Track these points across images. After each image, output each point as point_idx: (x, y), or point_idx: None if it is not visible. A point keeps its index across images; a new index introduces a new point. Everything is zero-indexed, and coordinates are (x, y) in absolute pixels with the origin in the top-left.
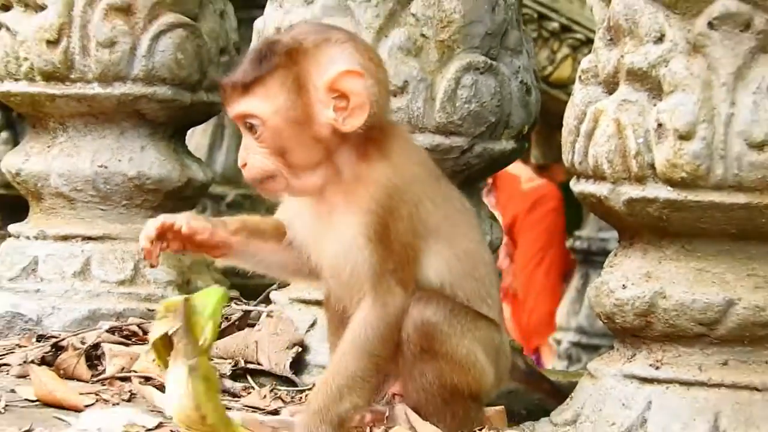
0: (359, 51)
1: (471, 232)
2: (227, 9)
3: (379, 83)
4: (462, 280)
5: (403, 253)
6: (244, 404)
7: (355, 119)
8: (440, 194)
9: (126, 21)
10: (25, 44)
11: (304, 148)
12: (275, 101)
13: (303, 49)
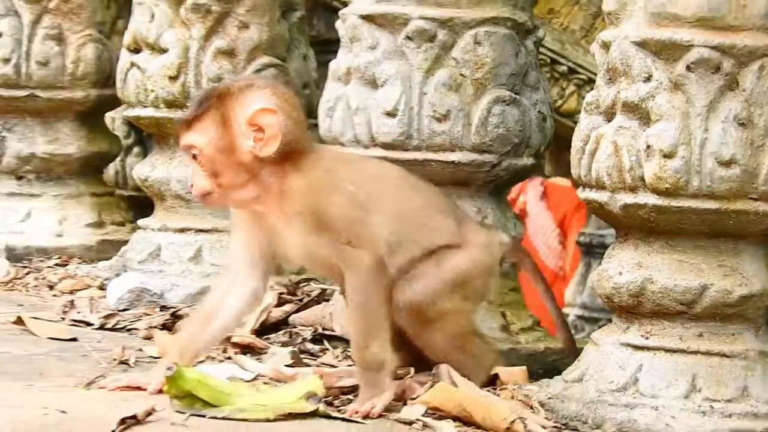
0: (276, 94)
1: (394, 197)
2: (309, 53)
3: (291, 118)
4: (407, 233)
5: (346, 226)
6: (321, 362)
7: (270, 147)
8: (359, 178)
9: (230, 62)
10: (151, 79)
11: (232, 170)
12: (208, 135)
13: (230, 92)
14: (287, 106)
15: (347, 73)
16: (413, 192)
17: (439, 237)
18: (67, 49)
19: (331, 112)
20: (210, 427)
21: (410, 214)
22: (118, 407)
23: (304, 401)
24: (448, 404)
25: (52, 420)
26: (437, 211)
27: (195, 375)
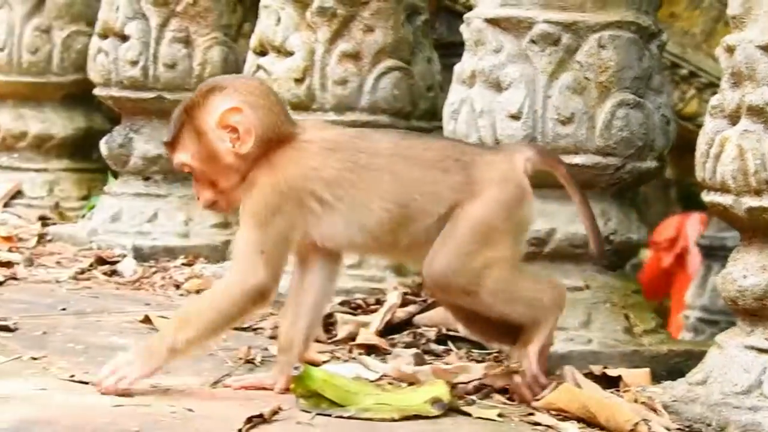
0: (238, 90)
1: (390, 175)
2: (433, 56)
3: (259, 109)
4: (405, 208)
5: (275, 241)
6: (445, 362)
7: (247, 143)
8: (345, 170)
9: (355, 65)
10: (277, 82)
11: (224, 175)
12: (189, 150)
13: (195, 104)
14: (252, 97)
15: (472, 76)
16: (408, 163)
17: (446, 198)
18: (194, 52)
19: (455, 115)
20: (335, 426)
21: (409, 189)
22: (244, 406)
23: (429, 406)
24: (572, 405)
25: (179, 418)
26: (438, 171)
27: (321, 374)
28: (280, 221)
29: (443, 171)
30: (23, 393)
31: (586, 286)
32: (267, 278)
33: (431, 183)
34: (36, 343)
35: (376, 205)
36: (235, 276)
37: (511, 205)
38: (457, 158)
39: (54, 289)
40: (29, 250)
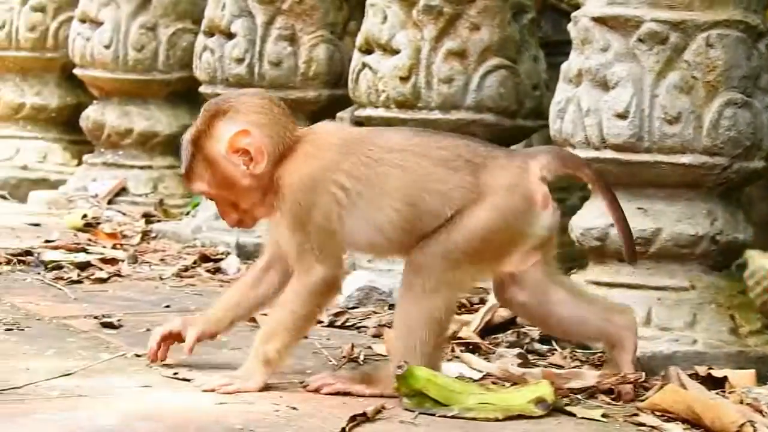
0: (240, 112)
1: (400, 171)
2: (539, 54)
3: (265, 126)
4: (414, 207)
5: (319, 236)
6: (549, 362)
7: (261, 162)
8: (359, 163)
9: (461, 63)
10: (383, 80)
11: (244, 196)
12: (204, 179)
13: (201, 133)
14: (256, 116)
15: (578, 75)
16: (419, 160)
17: (454, 198)
18: (300, 50)
19: (561, 114)
20: (438, 425)
21: (419, 186)
22: (347, 404)
23: (533, 406)
24: (677, 406)
25: (282, 416)
26: (449, 170)
27: (425, 374)
28: (317, 215)
29: (453, 170)
30: (127, 390)
31: (691, 286)
32: (326, 271)
33: (440, 182)
34: (140, 341)
35: (386, 202)
36: (299, 279)
37: (513, 215)
38: (468, 159)
39: (158, 286)
40: (133, 248)
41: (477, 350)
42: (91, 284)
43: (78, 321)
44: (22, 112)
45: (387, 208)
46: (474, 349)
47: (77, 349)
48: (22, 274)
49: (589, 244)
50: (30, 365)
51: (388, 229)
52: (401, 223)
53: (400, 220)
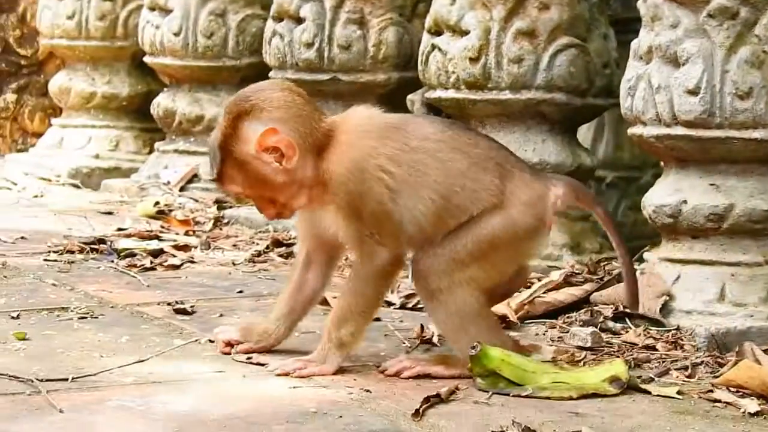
0: (264, 110)
1: (437, 161)
2: (609, 32)
3: (290, 120)
4: (447, 201)
5: (375, 220)
6: (623, 340)
7: (293, 158)
8: (398, 150)
9: (530, 42)
10: (452, 61)
11: (280, 191)
12: (238, 181)
13: (227, 137)
14: (279, 112)
15: (648, 52)
16: (454, 153)
17: (481, 199)
18: (369, 33)
19: (632, 91)
20: (512, 405)
21: (453, 180)
22: (421, 386)
23: (607, 384)
24: (752, 382)
25: (356, 399)
26: (480, 169)
27: (499, 354)
28: (370, 201)
29: (484, 170)
30: (201, 375)
31: (765, 261)
32: (388, 254)
33: (473, 179)
34: (213, 326)
35: (424, 192)
36: (363, 265)
37: (525, 232)
38: (499, 162)
39: (231, 271)
40: (206, 234)
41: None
42: (164, 271)
43: (151, 308)
44: (94, 101)
45: (425, 198)
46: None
47: (151, 336)
48: (95, 263)
49: (662, 221)
50: (104, 353)
51: (422, 220)
52: (433, 215)
53: (434, 212)
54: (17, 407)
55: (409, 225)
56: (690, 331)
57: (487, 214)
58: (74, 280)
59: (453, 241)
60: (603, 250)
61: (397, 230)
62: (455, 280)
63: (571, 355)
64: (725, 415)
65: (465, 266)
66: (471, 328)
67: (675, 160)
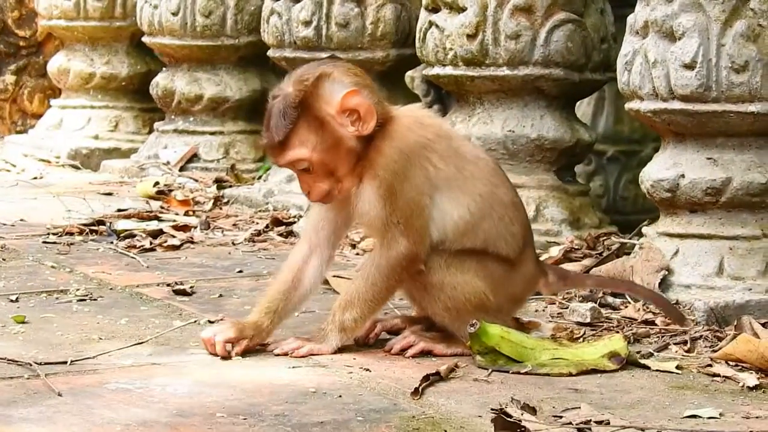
0: (346, 74)
1: (486, 180)
2: (606, 7)
3: (367, 88)
4: (481, 220)
5: (407, 210)
6: (622, 315)
7: (370, 122)
8: (450, 153)
9: (527, 18)
10: (450, 38)
11: (345, 160)
12: (310, 143)
13: (308, 93)
14: (359, 78)
15: (644, 27)
16: (503, 186)
17: (503, 241)
18: (367, 10)
19: (629, 66)
20: (512, 381)
21: (496, 204)
22: (420, 364)
23: (606, 360)
24: (751, 356)
25: (356, 378)
26: (516, 215)
27: (498, 331)
28: (409, 189)
29: (518, 220)
30: (201, 356)
31: (763, 234)
32: (410, 246)
33: (509, 218)
34: (213, 307)
35: (465, 199)
36: (381, 253)
37: (512, 296)
38: (524, 224)
39: (230, 251)
40: (206, 214)
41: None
42: (163, 252)
43: (150, 289)
44: (93, 81)
45: (463, 206)
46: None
47: (150, 318)
48: (94, 244)
49: (660, 196)
50: (103, 335)
51: (449, 227)
52: (462, 227)
53: (464, 224)
54: (16, 391)
55: (435, 230)
56: (689, 305)
57: (496, 262)
58: (73, 262)
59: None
60: (602, 225)
61: (424, 227)
62: (455, 277)
63: (570, 331)
64: (724, 389)
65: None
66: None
67: (672, 134)
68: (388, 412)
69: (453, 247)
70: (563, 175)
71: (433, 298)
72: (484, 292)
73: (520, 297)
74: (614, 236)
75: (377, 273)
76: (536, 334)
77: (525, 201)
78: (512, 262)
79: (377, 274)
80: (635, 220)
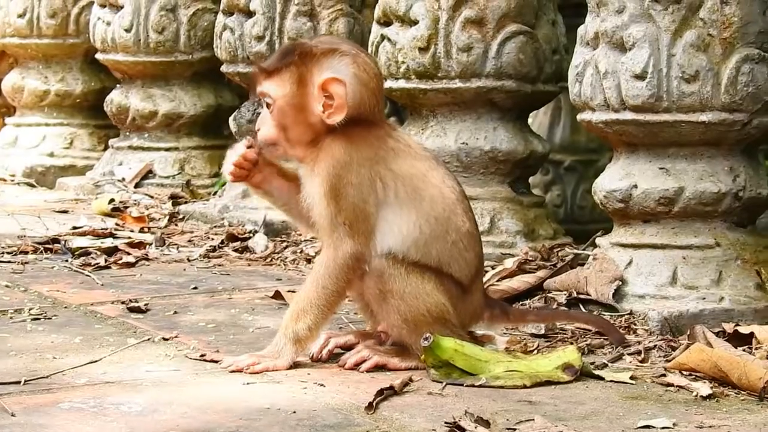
0: (356, 63)
1: (445, 205)
2: (557, 18)
3: (365, 90)
4: (434, 240)
5: (352, 213)
6: (576, 326)
7: (336, 116)
8: (410, 174)
9: (479, 31)
10: (402, 51)
11: (300, 128)
12: (284, 89)
13: (313, 53)
14: (365, 76)
15: (595, 38)
16: (466, 217)
17: (459, 269)
18: (319, 24)
19: (580, 77)
20: (467, 395)
21: (449, 231)
22: (374, 379)
23: (560, 372)
24: (704, 365)
25: (310, 394)
26: (472, 244)
27: (452, 344)
28: (353, 194)
29: (474, 250)
30: (155, 374)
31: (716, 243)
32: (356, 245)
33: (464, 246)
34: (167, 324)
35: (417, 218)
36: (327, 252)
37: (451, 326)
38: (480, 258)
39: (186, 268)
40: (161, 230)
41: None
42: (118, 269)
43: (105, 307)
44: (47, 99)
45: (413, 225)
46: None
47: (104, 336)
48: (49, 262)
49: (613, 206)
50: (57, 354)
51: (402, 240)
52: (412, 242)
53: (412, 240)
54: None
55: (386, 241)
56: (643, 315)
57: (452, 283)
58: (28, 281)
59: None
60: (557, 236)
61: (370, 231)
62: (408, 285)
63: (524, 344)
64: (678, 399)
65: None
66: (424, 325)
67: (624, 144)
68: (342, 428)
69: (409, 259)
70: (518, 186)
71: (393, 308)
72: (445, 305)
73: (467, 324)
74: (568, 247)
75: (327, 275)
76: (490, 347)
77: (479, 213)
78: (464, 287)
79: (327, 276)
80: (593, 230)
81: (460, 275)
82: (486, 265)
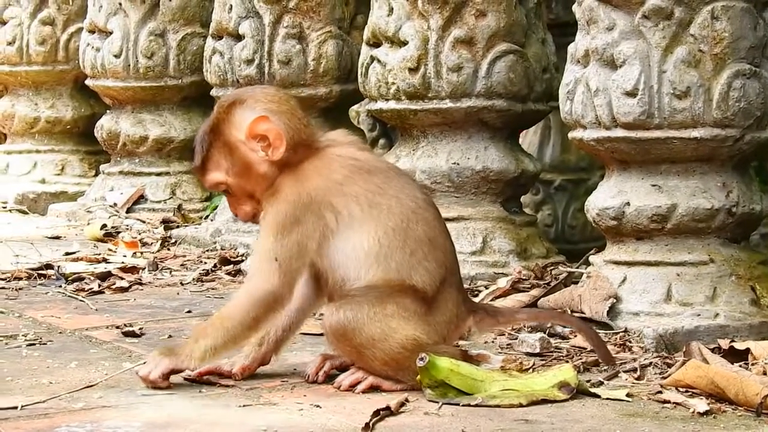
0: (259, 101)
1: (403, 215)
2: (547, 37)
3: (282, 114)
4: (392, 251)
5: (289, 251)
6: (572, 345)
7: (279, 148)
8: (364, 190)
9: (469, 50)
10: (392, 72)
11: (260, 184)
12: (222, 167)
13: (220, 121)
14: (273, 105)
15: (585, 56)
16: (427, 225)
17: (420, 279)
18: (308, 47)
19: (571, 95)
20: (463, 414)
21: (407, 241)
22: (371, 399)
23: (556, 390)
24: (700, 381)
25: (306, 415)
26: (433, 257)
27: (447, 364)
28: (298, 232)
29: (436, 258)
30: (151, 398)
31: (710, 259)
32: (280, 286)
33: (424, 254)
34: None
35: (376, 231)
36: (249, 283)
37: (418, 345)
38: (448, 267)
39: (179, 291)
40: (153, 255)
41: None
42: (112, 294)
43: (100, 332)
44: (38, 126)
45: (372, 238)
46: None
47: (100, 360)
48: (43, 288)
49: (606, 224)
50: (53, 379)
51: (362, 257)
52: (373, 256)
53: (374, 254)
54: None
55: (346, 268)
56: (638, 332)
57: (414, 299)
58: (22, 307)
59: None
60: (549, 254)
61: (299, 271)
62: (375, 333)
63: (520, 362)
64: (675, 415)
65: (376, 316)
66: (407, 363)
67: (616, 162)
68: None
69: (367, 279)
70: (509, 205)
71: (369, 359)
72: (415, 333)
73: (449, 336)
74: (562, 266)
75: (240, 307)
76: (486, 366)
77: (472, 233)
78: (430, 300)
79: (240, 307)
80: (584, 249)
81: (423, 286)
82: (479, 285)
